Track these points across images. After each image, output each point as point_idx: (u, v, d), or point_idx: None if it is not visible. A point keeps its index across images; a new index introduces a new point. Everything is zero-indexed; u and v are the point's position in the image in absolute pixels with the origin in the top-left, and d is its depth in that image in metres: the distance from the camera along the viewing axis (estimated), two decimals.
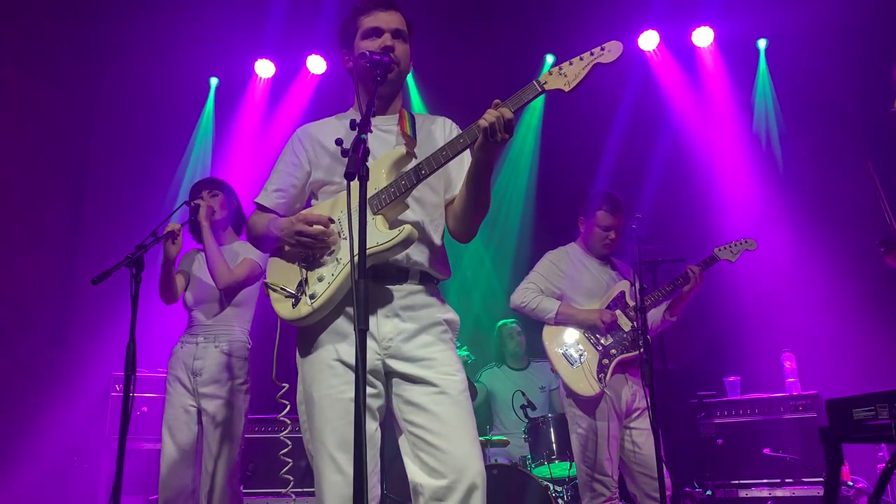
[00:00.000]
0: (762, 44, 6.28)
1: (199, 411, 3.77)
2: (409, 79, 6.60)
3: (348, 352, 2.17)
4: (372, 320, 2.19)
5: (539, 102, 6.79)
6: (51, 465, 5.35)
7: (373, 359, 2.20)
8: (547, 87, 2.14)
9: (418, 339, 2.24)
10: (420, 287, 2.30)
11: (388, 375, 2.24)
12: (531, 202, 6.67)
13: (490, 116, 2.06)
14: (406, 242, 2.17)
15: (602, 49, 2.13)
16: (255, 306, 4.02)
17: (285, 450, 2.91)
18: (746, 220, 6.11)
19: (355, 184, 1.84)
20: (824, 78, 6.00)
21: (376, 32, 2.34)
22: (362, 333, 1.73)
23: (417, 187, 2.25)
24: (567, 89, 2.13)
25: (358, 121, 1.94)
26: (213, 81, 6.71)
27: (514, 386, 5.20)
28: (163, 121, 6.53)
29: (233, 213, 4.10)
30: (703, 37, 6.27)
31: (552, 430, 4.52)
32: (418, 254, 2.29)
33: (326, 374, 2.20)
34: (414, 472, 2.16)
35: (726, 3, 6.07)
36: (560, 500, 4.33)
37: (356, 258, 1.80)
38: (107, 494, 4.79)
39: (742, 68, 6.32)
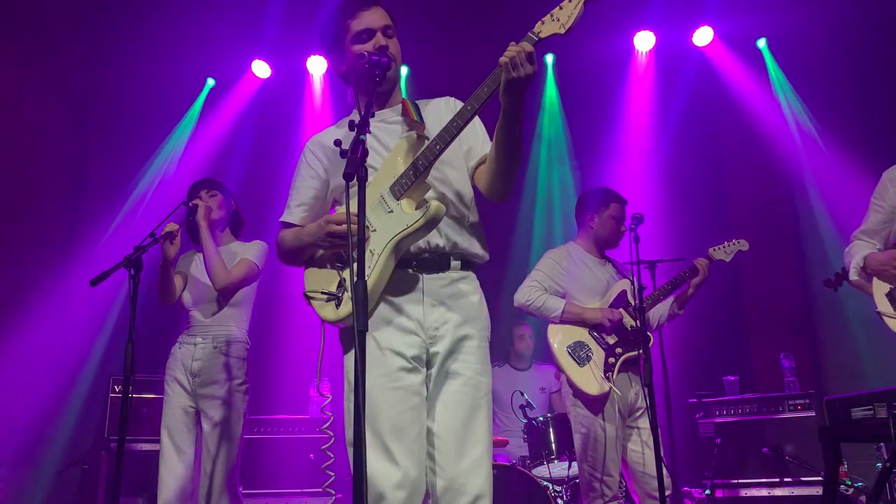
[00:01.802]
0: (761, 43, 6.29)
1: (198, 412, 3.77)
2: (402, 79, 6.61)
3: (397, 340, 2.18)
4: (418, 309, 2.21)
5: (550, 107, 6.79)
6: (50, 466, 5.35)
7: (420, 347, 2.20)
8: (542, 34, 2.08)
9: (459, 331, 2.24)
10: (462, 274, 2.30)
11: (428, 366, 2.24)
12: (532, 200, 6.68)
13: (510, 51, 2.03)
14: (434, 220, 2.14)
15: None
16: (252, 306, 4.02)
17: (327, 445, 2.73)
18: (743, 220, 6.12)
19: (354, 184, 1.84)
20: (825, 76, 6.02)
21: (368, 34, 2.32)
22: (361, 335, 1.73)
23: (437, 167, 2.24)
24: (563, 31, 2.06)
25: (357, 122, 1.94)
26: (210, 82, 6.69)
27: (515, 386, 5.21)
28: (161, 123, 6.53)
29: (230, 214, 4.09)
30: (702, 37, 6.28)
31: (551, 429, 4.51)
32: (455, 234, 2.29)
33: (377, 363, 2.17)
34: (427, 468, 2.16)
35: (725, 3, 6.07)
36: (559, 500, 4.33)
37: (355, 261, 1.80)
38: (106, 495, 4.79)
39: (743, 67, 6.31)
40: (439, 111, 2.42)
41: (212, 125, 6.63)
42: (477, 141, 2.41)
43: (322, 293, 2.27)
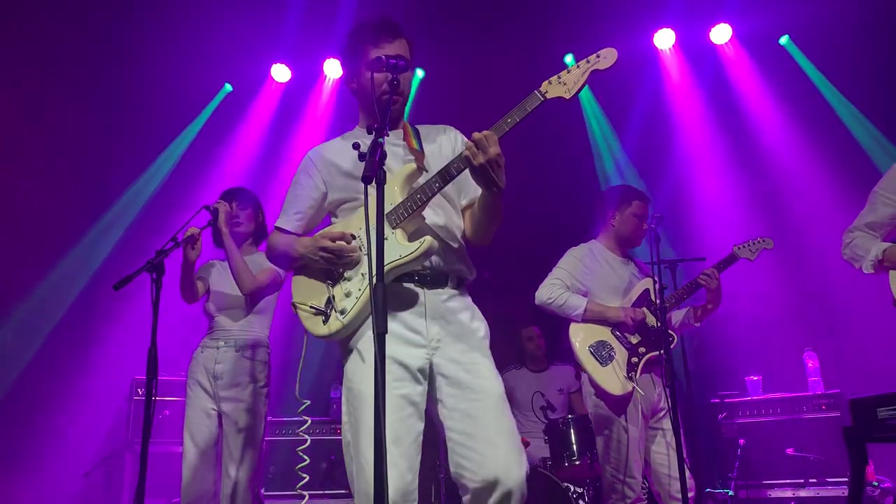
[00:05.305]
0: (783, 40, 6.22)
1: (220, 415, 3.79)
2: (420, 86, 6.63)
3: (401, 350, 2.24)
4: (421, 322, 2.28)
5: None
6: (74, 469, 5.41)
7: (422, 357, 2.26)
8: (548, 95, 2.22)
9: (461, 343, 2.30)
10: (457, 291, 2.38)
11: (433, 376, 2.28)
12: (549, 200, 6.64)
13: (474, 136, 2.13)
14: (427, 254, 2.24)
15: (598, 56, 2.22)
16: (274, 312, 4.04)
17: (303, 446, 2.83)
18: (764, 217, 6.06)
19: (372, 188, 1.85)
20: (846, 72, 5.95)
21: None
22: (381, 337, 1.75)
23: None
24: (568, 96, 2.22)
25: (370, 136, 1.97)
26: (227, 87, 6.70)
27: (534, 387, 5.19)
28: (181, 128, 6.59)
29: (258, 227, 4.10)
30: (721, 34, 6.23)
31: (572, 431, 4.50)
32: (450, 254, 2.37)
33: None
34: (456, 474, 2.19)
35: (745, 1, 6.02)
36: (581, 502, 4.32)
37: (374, 263, 1.81)
38: (130, 497, 4.84)
39: (764, 64, 6.25)
40: (439, 143, 2.51)
41: (232, 128, 6.66)
42: (470, 184, 2.45)
43: (311, 307, 2.35)
